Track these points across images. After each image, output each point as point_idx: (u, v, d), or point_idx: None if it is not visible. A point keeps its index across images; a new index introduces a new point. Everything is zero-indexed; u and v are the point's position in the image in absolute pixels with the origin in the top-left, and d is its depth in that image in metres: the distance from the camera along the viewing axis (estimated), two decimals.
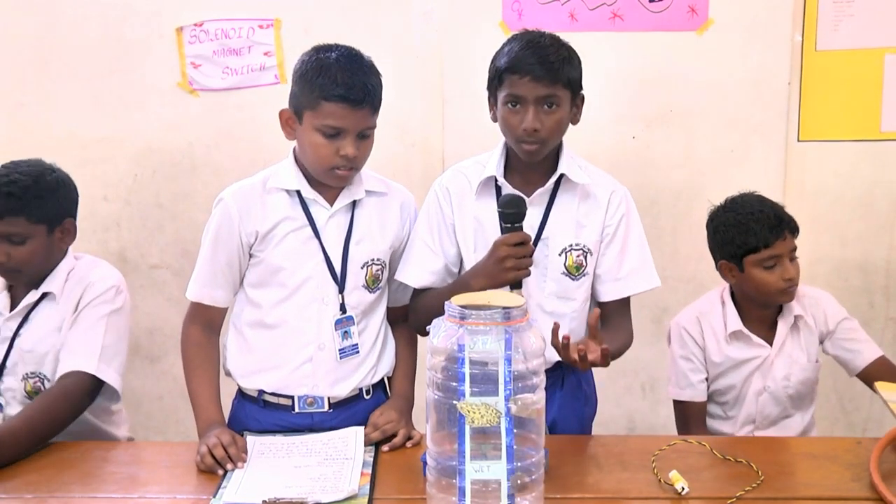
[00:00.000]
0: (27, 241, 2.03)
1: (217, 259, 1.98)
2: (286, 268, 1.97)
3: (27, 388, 2.07)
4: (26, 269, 2.05)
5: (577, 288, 2.02)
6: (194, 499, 1.71)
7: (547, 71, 1.89)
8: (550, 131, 1.93)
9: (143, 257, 3.25)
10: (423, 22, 3.07)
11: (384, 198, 2.07)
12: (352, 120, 1.89)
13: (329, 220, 1.99)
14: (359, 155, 1.92)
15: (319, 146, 1.90)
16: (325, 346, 1.99)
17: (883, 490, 1.65)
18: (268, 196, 1.98)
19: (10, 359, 2.07)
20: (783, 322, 2.29)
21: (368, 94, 1.89)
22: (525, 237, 1.88)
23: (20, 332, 2.08)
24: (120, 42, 3.11)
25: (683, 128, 3.10)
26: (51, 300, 2.09)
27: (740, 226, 2.23)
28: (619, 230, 2.04)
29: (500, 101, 1.95)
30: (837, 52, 3.02)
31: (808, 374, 2.30)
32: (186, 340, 2.03)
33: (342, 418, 2.01)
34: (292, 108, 1.95)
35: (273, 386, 2.00)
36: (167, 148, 3.18)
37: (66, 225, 2.11)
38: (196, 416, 1.96)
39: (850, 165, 3.10)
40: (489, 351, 1.46)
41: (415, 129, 3.12)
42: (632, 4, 3.02)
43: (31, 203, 2.02)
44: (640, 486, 1.72)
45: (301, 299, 1.98)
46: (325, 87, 1.87)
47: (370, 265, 2.02)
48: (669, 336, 2.40)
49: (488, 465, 1.47)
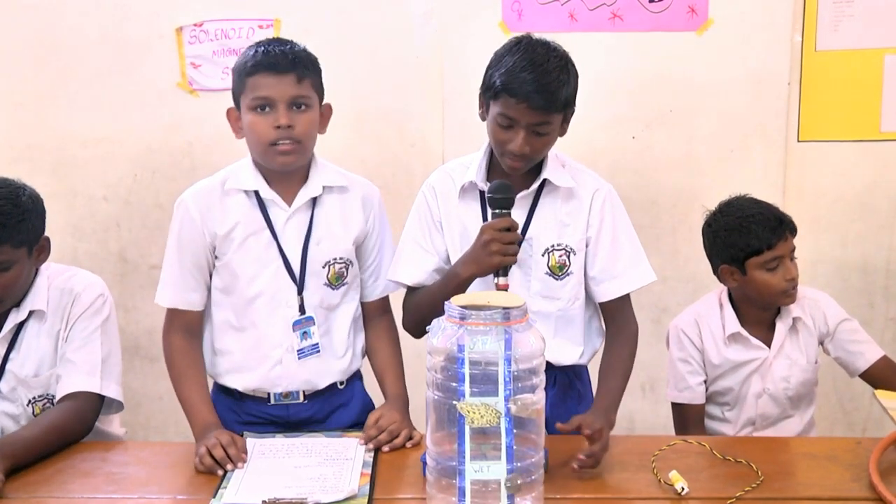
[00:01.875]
0: (12, 268, 1.95)
1: (184, 262, 1.98)
2: (246, 274, 1.98)
3: (36, 412, 2.02)
4: (9, 296, 1.98)
5: (562, 287, 2.02)
6: (194, 499, 1.71)
7: (545, 100, 1.86)
8: (538, 153, 1.94)
9: (143, 257, 3.25)
10: (423, 22, 3.07)
11: (345, 193, 2.06)
12: (278, 88, 1.89)
13: (288, 222, 1.99)
14: (296, 126, 1.90)
15: (255, 123, 1.91)
16: (293, 347, 2.00)
17: (882, 490, 1.65)
18: (226, 197, 1.98)
19: (3, 384, 2.01)
20: (781, 324, 2.29)
21: (291, 60, 1.90)
22: (512, 223, 1.87)
23: (10, 355, 2.02)
24: (120, 42, 3.11)
25: (683, 128, 3.10)
26: (38, 318, 2.03)
27: (742, 229, 2.22)
28: (606, 228, 2.02)
29: (492, 115, 1.94)
30: (837, 53, 3.02)
31: (808, 376, 2.30)
32: (169, 349, 2.02)
33: (317, 408, 2.04)
34: (234, 103, 1.98)
35: (249, 387, 2.02)
36: (167, 148, 3.18)
37: (42, 243, 2.04)
38: (190, 421, 1.96)
39: (850, 166, 3.10)
40: (489, 351, 1.46)
41: (414, 130, 3.12)
42: (631, 5, 3.02)
43: (14, 228, 1.93)
44: (639, 487, 1.72)
45: (264, 303, 1.99)
46: (248, 63, 1.91)
47: (332, 264, 2.03)
48: (668, 338, 2.39)
49: (488, 466, 1.47)
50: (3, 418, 2.02)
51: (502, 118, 1.91)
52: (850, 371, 2.32)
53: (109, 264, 3.22)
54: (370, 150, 3.13)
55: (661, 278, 3.17)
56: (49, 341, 2.04)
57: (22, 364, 2.02)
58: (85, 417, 1.99)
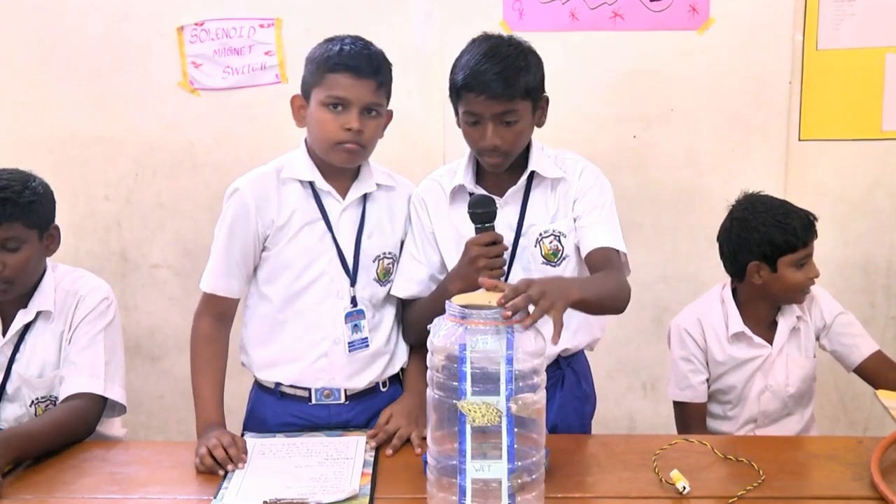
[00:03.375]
0: (22, 248, 1.98)
1: (232, 250, 1.97)
2: (300, 263, 1.97)
3: (39, 412, 2.03)
4: (19, 279, 2.00)
5: (561, 273, 2.01)
6: (195, 499, 1.71)
7: (503, 87, 1.86)
8: (511, 144, 1.93)
9: (144, 257, 3.25)
10: (423, 22, 3.07)
11: (392, 191, 2.08)
12: (356, 91, 1.89)
13: (342, 214, 2.00)
14: (365, 131, 1.91)
15: (325, 121, 1.91)
16: (340, 340, 1.99)
17: (884, 490, 1.64)
18: (283, 186, 1.98)
19: (8, 385, 2.03)
20: (784, 322, 2.29)
21: (373, 66, 1.91)
22: (496, 237, 1.87)
23: (16, 356, 2.03)
24: (121, 41, 3.11)
25: (684, 127, 3.10)
26: (45, 319, 2.05)
27: (780, 226, 2.21)
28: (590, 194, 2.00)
29: (461, 116, 1.96)
30: (838, 52, 3.02)
31: (807, 371, 2.31)
32: (197, 333, 2.02)
33: (358, 410, 2.02)
34: (302, 92, 1.97)
35: (291, 379, 2.01)
36: (168, 147, 3.18)
37: (52, 231, 2.08)
38: (197, 414, 1.96)
39: (851, 165, 3.10)
40: (490, 350, 1.46)
41: (415, 129, 3.11)
42: (633, 3, 3.02)
43: (27, 208, 1.98)
44: (641, 486, 1.72)
45: (315, 294, 1.98)
46: (331, 59, 1.90)
47: (381, 258, 2.03)
48: (669, 337, 2.39)
49: (489, 465, 1.47)
50: (8, 419, 2.03)
51: (468, 115, 1.92)
52: (845, 365, 2.32)
53: (110, 263, 3.23)
54: None
55: (662, 277, 3.20)
56: (54, 343, 2.05)
57: (27, 365, 2.03)
58: (88, 418, 1.99)
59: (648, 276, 3.13)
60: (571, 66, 3.04)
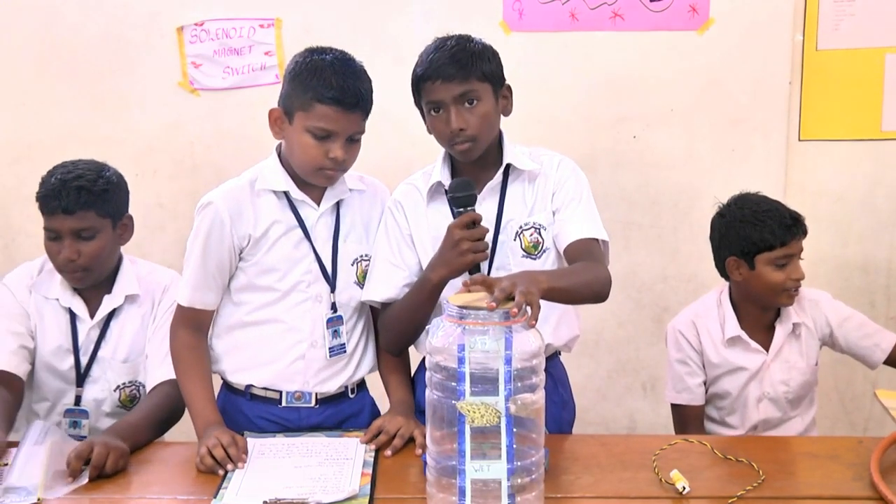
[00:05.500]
0: (96, 237, 2.05)
1: (207, 264, 1.97)
2: (279, 270, 1.98)
3: (122, 397, 2.09)
4: (94, 267, 2.07)
5: (542, 266, 2.00)
6: (195, 499, 1.71)
7: (457, 69, 1.90)
8: (477, 127, 1.93)
9: (145, 256, 3.18)
10: (423, 22, 3.07)
11: (364, 194, 2.09)
12: (343, 123, 1.90)
13: (318, 221, 2.00)
14: (347, 158, 1.94)
15: (309, 147, 1.91)
16: (317, 343, 2.00)
17: (884, 490, 1.65)
18: (257, 199, 1.98)
19: (95, 367, 2.09)
20: (781, 328, 2.28)
21: (361, 98, 1.91)
22: (477, 216, 1.88)
23: (102, 342, 2.10)
24: (120, 42, 3.11)
25: (684, 127, 3.10)
26: (131, 303, 2.13)
27: (758, 223, 2.21)
28: (567, 185, 2.01)
29: (425, 111, 1.98)
30: (838, 52, 3.02)
31: (807, 378, 2.30)
32: (178, 343, 2.02)
33: (327, 414, 2.03)
34: (283, 107, 1.96)
35: (264, 381, 2.01)
36: (168, 147, 3.18)
37: (125, 220, 2.15)
38: (193, 417, 1.96)
39: (851, 165, 3.10)
40: (489, 351, 1.46)
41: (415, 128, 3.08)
42: (632, 4, 3.02)
43: (100, 196, 2.05)
44: (640, 486, 1.72)
45: (294, 299, 1.99)
46: (319, 90, 1.88)
47: (359, 261, 2.05)
48: (666, 340, 2.39)
49: (488, 465, 1.47)
50: (88, 401, 2.10)
51: (430, 105, 1.96)
52: (869, 364, 2.30)
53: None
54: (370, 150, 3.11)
55: (663, 277, 3.19)
56: (141, 326, 2.13)
57: (114, 349, 2.11)
58: (178, 404, 2.04)
59: (648, 276, 3.13)
60: (571, 66, 3.04)
